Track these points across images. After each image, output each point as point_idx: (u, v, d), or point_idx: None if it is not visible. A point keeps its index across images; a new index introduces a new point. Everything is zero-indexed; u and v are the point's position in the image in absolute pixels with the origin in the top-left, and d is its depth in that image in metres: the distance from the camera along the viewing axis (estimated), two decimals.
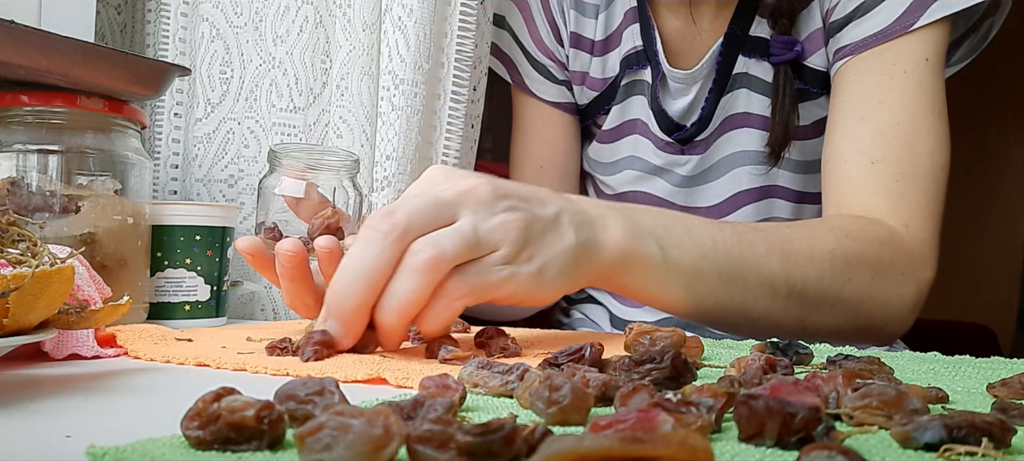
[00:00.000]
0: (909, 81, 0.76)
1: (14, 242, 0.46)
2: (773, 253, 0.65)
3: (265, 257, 0.61)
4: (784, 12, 0.83)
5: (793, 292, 0.66)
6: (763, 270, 0.65)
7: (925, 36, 0.77)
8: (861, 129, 0.76)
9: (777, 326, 0.67)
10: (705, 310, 0.66)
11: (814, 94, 0.86)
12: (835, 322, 0.69)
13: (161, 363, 0.51)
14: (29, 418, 0.34)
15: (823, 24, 0.83)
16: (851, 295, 0.68)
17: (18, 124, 0.64)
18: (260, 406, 0.28)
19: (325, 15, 0.90)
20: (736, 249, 0.64)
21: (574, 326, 1.01)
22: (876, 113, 0.76)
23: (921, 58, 0.77)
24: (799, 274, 0.66)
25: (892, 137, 0.75)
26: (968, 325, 2.42)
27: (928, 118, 0.76)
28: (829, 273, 0.67)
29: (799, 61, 0.85)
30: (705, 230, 0.64)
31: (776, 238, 0.66)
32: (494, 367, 0.41)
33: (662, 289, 0.63)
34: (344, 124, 0.86)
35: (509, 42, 0.98)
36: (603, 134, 0.96)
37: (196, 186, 0.92)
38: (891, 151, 0.75)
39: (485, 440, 0.26)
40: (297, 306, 0.62)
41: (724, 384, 0.37)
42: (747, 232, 0.66)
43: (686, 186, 0.92)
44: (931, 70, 0.77)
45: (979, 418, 0.30)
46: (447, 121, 0.87)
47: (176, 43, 0.92)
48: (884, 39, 0.77)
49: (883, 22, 0.78)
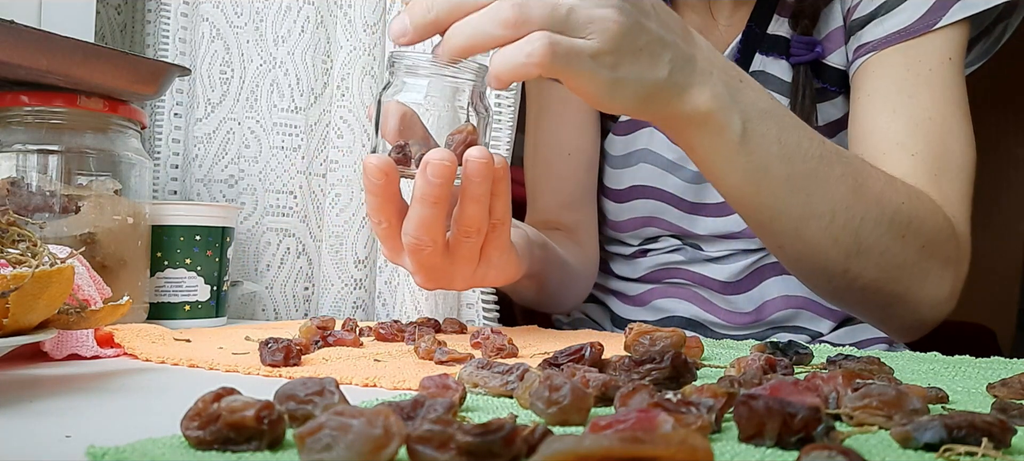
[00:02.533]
0: (936, 79, 0.76)
1: (14, 242, 0.46)
2: (846, 180, 0.64)
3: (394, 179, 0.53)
4: (806, 13, 0.83)
5: (850, 225, 0.65)
6: (830, 192, 0.63)
7: (948, 36, 0.77)
8: (895, 122, 0.75)
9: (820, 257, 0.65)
10: (757, 207, 0.64)
11: (832, 93, 0.86)
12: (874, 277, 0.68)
13: (160, 363, 0.51)
14: (29, 418, 0.34)
15: (844, 22, 0.83)
16: (898, 253, 0.67)
17: (18, 124, 0.64)
18: (260, 406, 0.28)
19: (326, 15, 0.90)
20: (814, 162, 0.62)
21: (574, 326, 1.00)
22: (909, 107, 0.75)
23: (945, 57, 0.77)
24: (861, 210, 0.65)
25: (927, 130, 0.74)
26: (968, 325, 2.42)
27: (957, 115, 0.76)
28: (888, 221, 0.66)
29: (818, 60, 0.85)
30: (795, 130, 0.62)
31: (854, 169, 0.65)
32: (494, 367, 0.41)
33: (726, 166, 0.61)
34: (345, 124, 0.86)
35: None
36: (619, 127, 0.95)
37: (196, 186, 0.92)
38: (928, 145, 0.74)
39: (485, 440, 0.26)
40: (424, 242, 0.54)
41: (724, 384, 0.37)
42: (831, 151, 0.64)
43: (698, 182, 0.92)
44: (954, 70, 0.77)
45: (979, 418, 0.30)
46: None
47: (176, 43, 0.92)
48: (907, 36, 0.77)
49: (906, 20, 0.77)
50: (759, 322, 0.90)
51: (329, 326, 0.62)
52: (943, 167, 0.74)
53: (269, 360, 0.48)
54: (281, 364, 0.48)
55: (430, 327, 0.66)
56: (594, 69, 0.53)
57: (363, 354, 0.54)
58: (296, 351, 0.50)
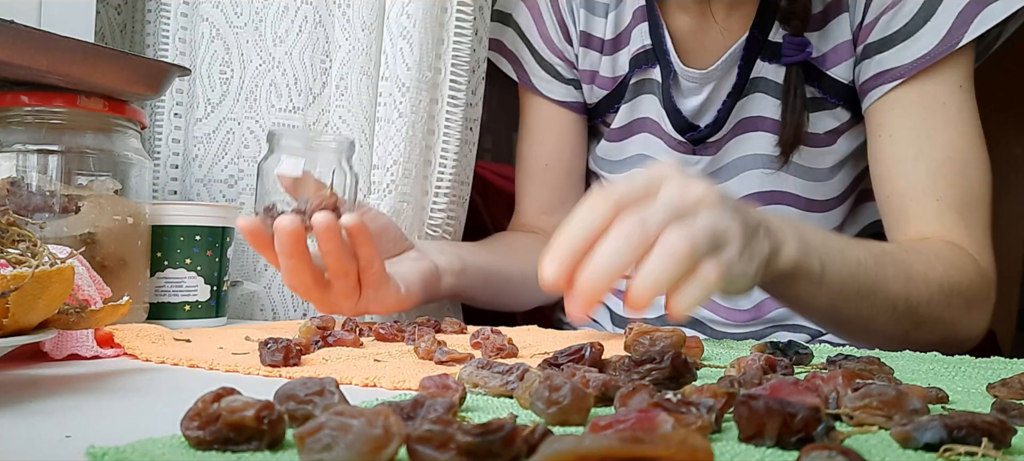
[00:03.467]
0: (950, 111, 0.80)
1: (14, 242, 0.46)
2: (899, 278, 0.71)
3: (264, 236, 0.63)
4: (797, 13, 0.83)
5: (909, 310, 0.72)
6: (890, 290, 0.71)
7: (956, 62, 0.80)
8: (917, 167, 0.80)
9: (888, 337, 0.73)
10: (838, 319, 0.72)
11: (831, 104, 0.86)
12: (931, 339, 0.74)
13: (160, 363, 0.51)
14: (29, 418, 0.34)
15: (853, 39, 0.83)
16: (949, 317, 0.75)
17: (18, 124, 0.64)
18: (260, 406, 0.28)
19: (325, 15, 0.90)
20: (873, 271, 0.70)
21: (574, 326, 1.01)
22: (928, 148, 0.80)
23: (956, 86, 0.80)
24: (915, 296, 0.72)
25: (948, 172, 0.79)
26: None
27: (973, 145, 0.80)
28: (937, 296, 0.73)
29: (819, 69, 0.85)
30: (852, 251, 0.69)
31: (902, 262, 0.72)
32: (494, 367, 0.41)
33: (813, 299, 0.68)
34: (344, 124, 0.87)
35: (516, 41, 0.98)
36: (612, 133, 0.95)
37: (196, 186, 0.92)
38: (950, 187, 0.79)
39: (485, 440, 0.26)
40: (295, 285, 0.64)
41: (724, 384, 0.37)
42: (881, 255, 0.72)
43: None
44: (966, 95, 0.80)
45: (979, 418, 0.30)
46: (445, 125, 0.87)
47: (176, 43, 0.92)
48: (931, 61, 0.79)
49: (927, 45, 0.79)
50: (758, 319, 0.90)
51: (329, 326, 0.62)
52: (966, 204, 0.79)
53: (269, 360, 0.48)
54: (281, 364, 0.48)
55: (430, 327, 0.66)
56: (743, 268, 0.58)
57: (363, 354, 0.54)
58: (296, 351, 0.50)
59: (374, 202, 0.86)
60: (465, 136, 0.91)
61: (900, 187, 0.81)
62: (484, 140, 0.96)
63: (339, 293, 0.65)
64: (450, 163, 0.88)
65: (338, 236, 0.62)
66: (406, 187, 0.85)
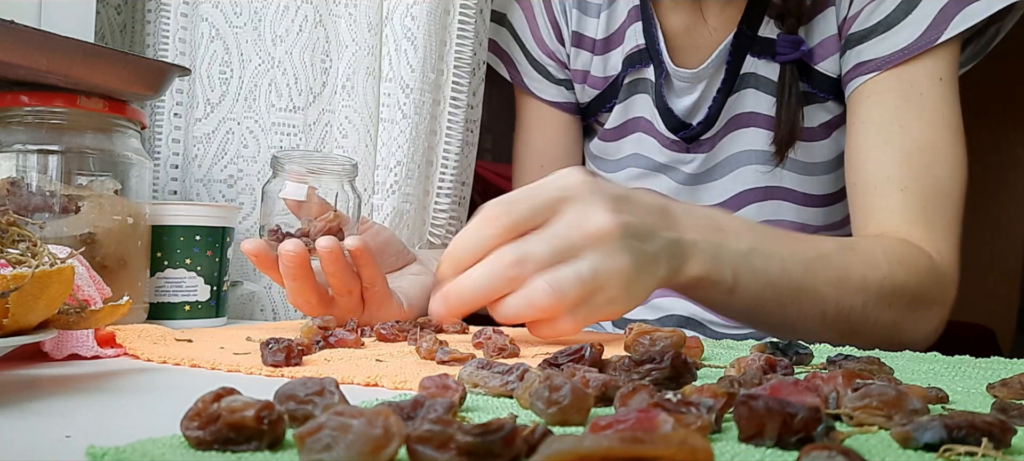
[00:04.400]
0: (927, 103, 0.79)
1: (14, 242, 0.46)
2: (831, 282, 0.70)
3: (269, 258, 0.64)
4: (791, 12, 0.84)
5: (840, 317, 0.71)
6: (818, 297, 0.70)
7: (939, 55, 0.79)
8: (885, 154, 0.79)
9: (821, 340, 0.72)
10: (759, 323, 0.72)
11: (821, 98, 0.86)
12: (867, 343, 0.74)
13: (160, 363, 0.51)
14: (29, 418, 0.34)
15: (839, 33, 0.84)
16: (887, 321, 0.73)
17: (18, 124, 0.64)
18: (260, 406, 0.28)
19: (325, 14, 0.90)
20: (798, 279, 0.69)
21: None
22: (899, 137, 0.79)
23: (936, 79, 0.79)
24: (847, 302, 0.71)
25: (916, 163, 0.78)
26: (968, 325, 2.42)
27: (946, 139, 0.79)
28: (873, 301, 0.72)
29: (808, 64, 0.85)
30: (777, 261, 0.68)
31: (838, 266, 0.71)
32: (494, 367, 0.41)
33: (725, 306, 0.69)
34: (350, 124, 0.87)
35: (509, 40, 0.98)
36: (606, 132, 0.96)
37: (196, 186, 0.92)
38: (915, 178, 0.78)
39: (485, 440, 0.26)
40: (300, 304, 0.65)
41: (724, 384, 0.37)
42: (816, 259, 0.70)
43: (691, 184, 0.92)
44: (947, 88, 0.79)
45: (979, 418, 0.30)
46: (446, 126, 0.88)
47: (176, 43, 0.92)
48: (909, 55, 0.78)
49: (908, 38, 0.79)
50: None
51: (331, 326, 0.62)
52: (931, 198, 0.78)
53: (270, 360, 0.48)
54: (283, 364, 0.48)
55: (432, 327, 0.66)
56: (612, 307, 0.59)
57: (365, 354, 0.54)
58: (297, 351, 0.49)
59: (378, 202, 0.86)
60: (466, 137, 0.91)
61: (867, 174, 0.80)
62: (484, 140, 0.96)
63: (343, 310, 0.66)
64: (452, 164, 0.88)
65: (342, 259, 0.63)
66: (409, 187, 0.85)
